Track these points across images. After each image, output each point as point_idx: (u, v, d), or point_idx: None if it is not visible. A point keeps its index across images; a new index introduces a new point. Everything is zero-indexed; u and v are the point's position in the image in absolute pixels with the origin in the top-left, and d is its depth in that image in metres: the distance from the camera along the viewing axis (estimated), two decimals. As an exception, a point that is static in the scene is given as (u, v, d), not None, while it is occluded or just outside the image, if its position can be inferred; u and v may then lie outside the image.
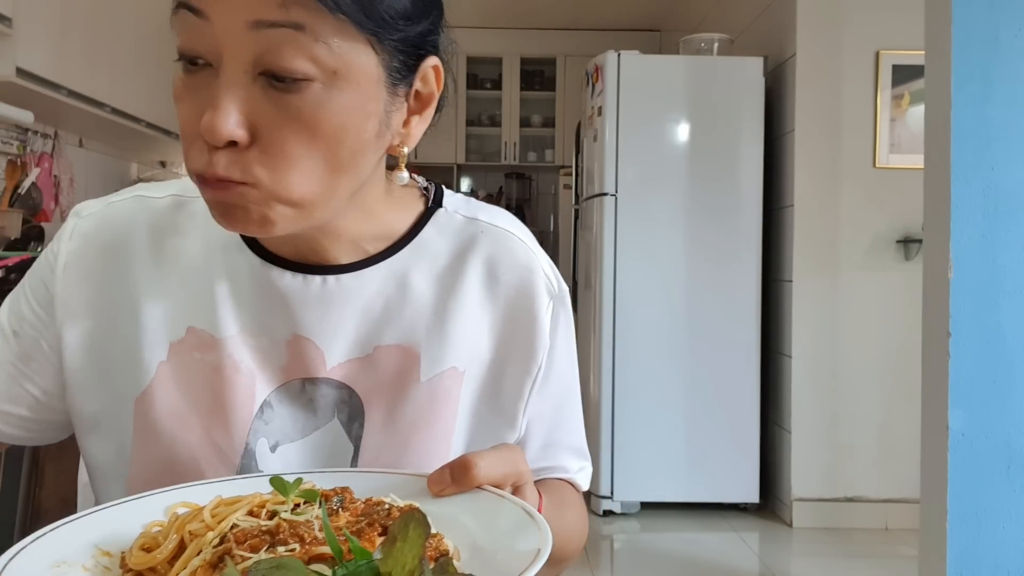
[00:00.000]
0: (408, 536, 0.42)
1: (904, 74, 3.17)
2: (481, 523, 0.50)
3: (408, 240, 0.71)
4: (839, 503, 3.21)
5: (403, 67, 0.60)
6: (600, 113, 3.36)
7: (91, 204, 0.72)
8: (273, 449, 0.67)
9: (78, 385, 0.68)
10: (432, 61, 0.62)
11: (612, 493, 3.30)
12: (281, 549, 0.43)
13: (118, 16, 3.11)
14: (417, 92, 0.63)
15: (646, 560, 2.93)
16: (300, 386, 0.68)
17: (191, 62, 0.56)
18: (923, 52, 1.89)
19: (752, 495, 3.31)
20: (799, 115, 3.22)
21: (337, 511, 0.50)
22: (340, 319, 0.68)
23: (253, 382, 0.67)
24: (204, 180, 0.57)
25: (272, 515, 0.48)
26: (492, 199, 5.87)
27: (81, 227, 0.70)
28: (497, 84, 5.88)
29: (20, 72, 2.42)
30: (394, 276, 0.70)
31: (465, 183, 6.09)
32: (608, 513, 3.31)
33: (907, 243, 3.18)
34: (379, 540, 0.45)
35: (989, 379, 1.76)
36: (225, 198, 0.57)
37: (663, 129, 3.33)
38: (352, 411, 0.68)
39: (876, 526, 3.19)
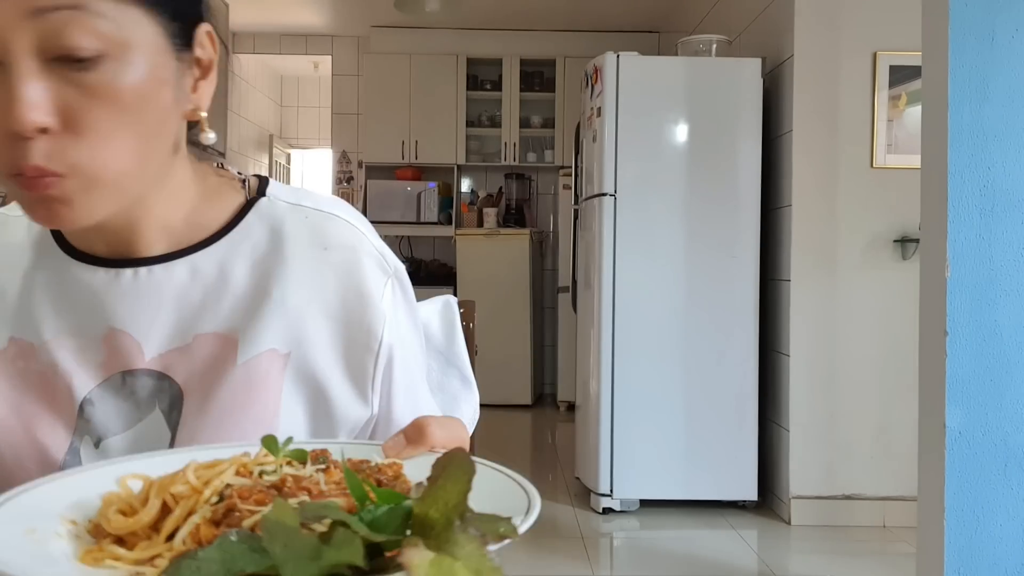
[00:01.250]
0: (454, 476, 0.41)
1: (901, 75, 3.18)
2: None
3: (227, 231, 0.72)
4: (837, 501, 3.23)
5: (181, 34, 0.63)
6: (599, 114, 3.38)
7: None
8: (97, 444, 0.67)
9: None
10: (205, 27, 0.66)
11: (611, 491, 3.31)
12: (292, 502, 0.43)
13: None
14: (198, 59, 0.66)
15: (645, 558, 2.94)
16: (120, 379, 0.68)
17: None
18: (920, 53, 1.90)
19: (751, 493, 3.32)
20: (797, 116, 3.23)
21: (328, 469, 0.50)
22: (155, 311, 0.68)
23: (71, 382, 0.67)
24: (22, 177, 0.57)
25: (260, 476, 0.48)
26: (492, 199, 5.88)
27: None
28: (497, 85, 5.89)
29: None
30: (211, 266, 0.70)
31: (465, 183, 6.10)
32: (607, 511, 3.32)
33: (904, 243, 3.19)
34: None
35: (986, 377, 1.77)
36: (47, 193, 0.57)
37: (662, 130, 3.35)
38: (172, 400, 0.68)
39: (874, 523, 3.21)
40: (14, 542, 0.42)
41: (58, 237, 0.71)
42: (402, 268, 0.77)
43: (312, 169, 7.30)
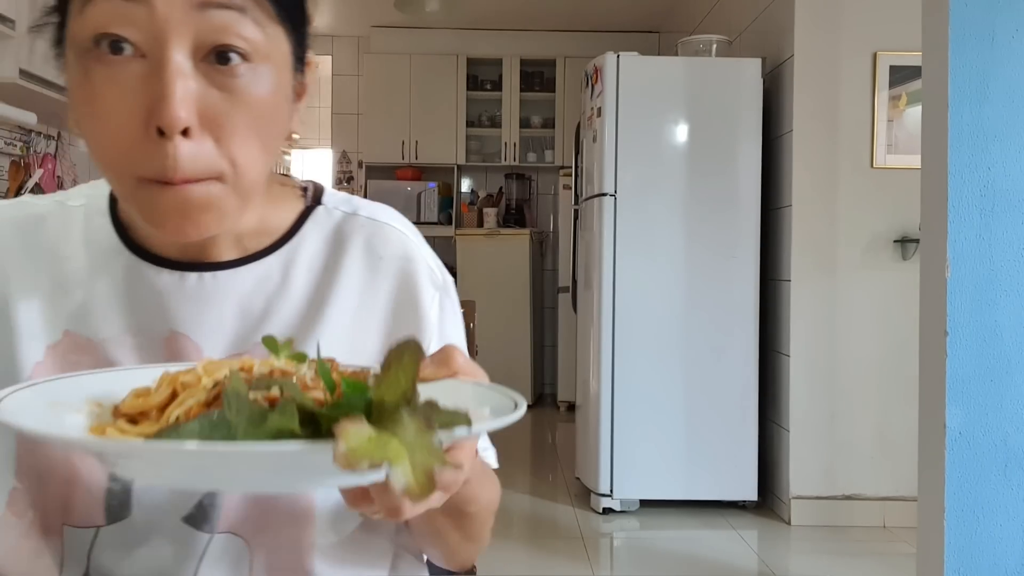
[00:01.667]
0: (403, 362, 0.42)
1: (901, 75, 3.18)
2: (460, 400, 0.50)
3: (288, 238, 0.72)
4: (837, 501, 3.23)
5: (300, 57, 0.64)
6: (599, 114, 3.38)
7: None
8: None
9: None
10: (311, 55, 0.67)
11: (611, 491, 3.31)
12: (275, 389, 0.45)
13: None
14: (300, 82, 0.66)
15: (645, 558, 2.94)
16: None
17: (115, 51, 0.54)
18: (920, 53, 1.90)
19: (751, 493, 3.32)
20: (797, 116, 3.23)
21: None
22: (217, 316, 0.68)
23: None
24: (158, 183, 0.55)
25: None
26: (492, 199, 5.88)
27: None
28: (497, 85, 5.89)
29: (23, 73, 2.43)
30: (273, 273, 0.70)
31: (465, 183, 6.10)
32: (607, 511, 3.32)
33: (904, 243, 3.19)
34: None
35: (986, 378, 1.77)
36: (190, 200, 0.56)
37: (662, 130, 3.35)
38: None
39: (874, 524, 3.21)
40: (32, 408, 0.46)
41: (123, 234, 0.69)
42: (451, 281, 0.78)
43: (312, 169, 7.30)
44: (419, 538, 0.75)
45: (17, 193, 2.86)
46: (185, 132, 0.54)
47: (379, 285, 0.73)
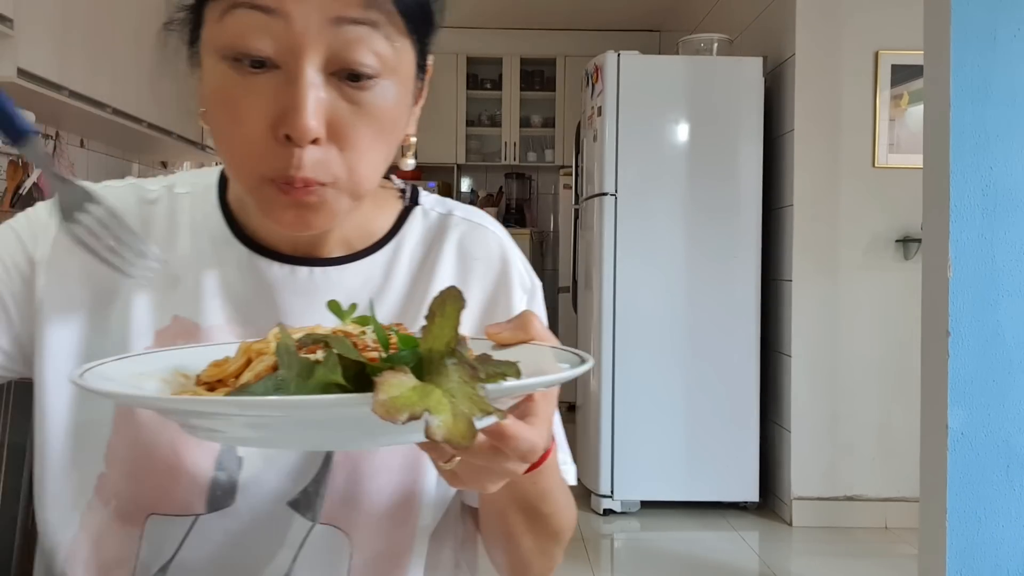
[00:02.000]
0: (445, 311, 0.43)
1: (903, 74, 3.17)
2: (533, 360, 0.51)
3: (390, 238, 0.74)
4: (839, 502, 3.22)
5: (422, 64, 0.65)
6: (600, 113, 3.37)
7: (87, 186, 0.73)
8: None
9: (54, 370, 0.67)
10: (431, 59, 0.67)
11: (612, 492, 3.30)
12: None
13: (119, 16, 3.12)
14: (420, 87, 0.67)
15: (646, 559, 2.94)
16: None
17: (253, 64, 0.56)
18: (922, 52, 1.89)
19: (752, 494, 3.31)
20: (798, 115, 3.22)
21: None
22: (325, 311, 0.69)
23: None
24: (280, 182, 0.58)
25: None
26: (492, 199, 5.87)
27: None
28: (497, 84, 5.89)
29: (21, 73, 2.43)
30: (377, 272, 0.72)
31: (465, 183, 6.09)
32: (608, 512, 3.31)
33: (906, 242, 3.18)
34: None
35: (988, 378, 1.76)
36: (306, 200, 0.59)
37: (663, 129, 3.34)
38: None
39: (876, 525, 3.20)
40: (118, 376, 0.49)
41: (233, 226, 0.71)
42: (539, 284, 0.80)
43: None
44: (491, 540, 0.76)
45: (15, 192, 2.86)
46: (313, 141, 0.57)
47: (472, 284, 0.75)
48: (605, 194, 3.33)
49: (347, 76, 0.57)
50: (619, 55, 3.33)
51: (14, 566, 0.80)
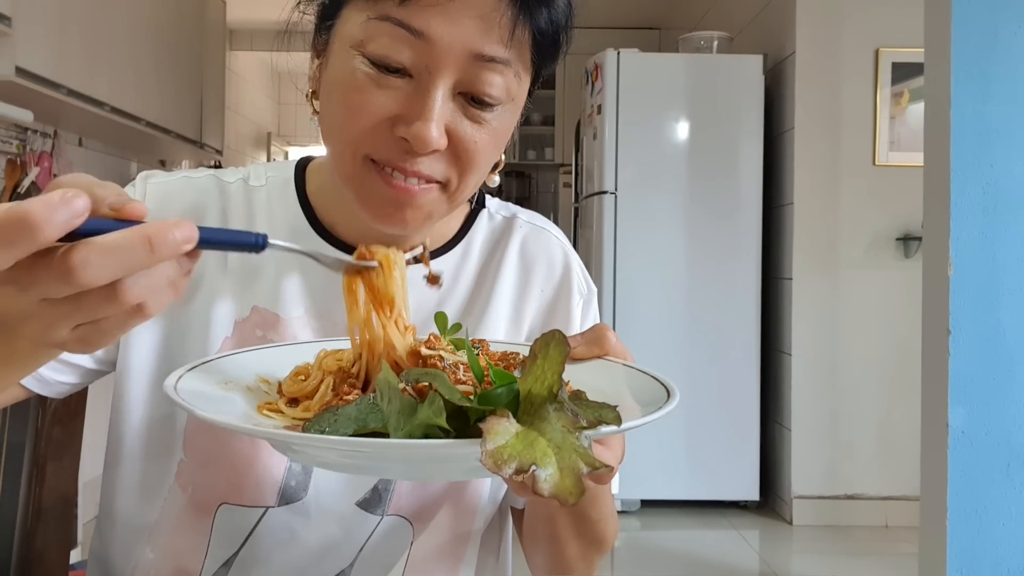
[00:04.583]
0: (549, 354, 0.42)
1: (904, 72, 3.17)
2: (611, 383, 0.51)
3: (459, 239, 0.78)
4: (839, 500, 3.21)
5: (533, 90, 0.69)
6: (600, 111, 3.36)
7: (159, 172, 0.74)
8: None
9: (138, 368, 0.69)
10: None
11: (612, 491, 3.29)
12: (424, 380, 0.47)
13: (118, 15, 3.11)
14: (528, 103, 0.71)
15: (647, 558, 2.94)
16: None
17: (389, 71, 0.59)
18: (923, 50, 1.89)
19: (752, 493, 3.31)
20: (799, 113, 3.22)
21: (476, 355, 0.52)
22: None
23: None
24: (390, 171, 0.60)
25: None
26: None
27: (154, 190, 0.72)
28: (497, 82, 5.88)
29: (19, 71, 2.42)
30: (446, 272, 0.76)
31: (465, 181, 6.10)
32: (608, 511, 3.31)
33: (907, 241, 3.18)
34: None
35: (989, 377, 1.76)
36: (409, 196, 0.61)
37: (663, 127, 3.33)
38: None
39: (876, 523, 3.20)
40: (208, 390, 0.49)
41: (312, 220, 0.73)
42: (595, 290, 0.82)
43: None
44: (534, 544, 0.77)
45: (14, 191, 2.85)
46: (430, 152, 0.60)
47: (533, 287, 0.78)
48: (605, 192, 3.32)
49: (472, 99, 0.60)
50: (619, 53, 3.32)
51: (14, 566, 0.79)
